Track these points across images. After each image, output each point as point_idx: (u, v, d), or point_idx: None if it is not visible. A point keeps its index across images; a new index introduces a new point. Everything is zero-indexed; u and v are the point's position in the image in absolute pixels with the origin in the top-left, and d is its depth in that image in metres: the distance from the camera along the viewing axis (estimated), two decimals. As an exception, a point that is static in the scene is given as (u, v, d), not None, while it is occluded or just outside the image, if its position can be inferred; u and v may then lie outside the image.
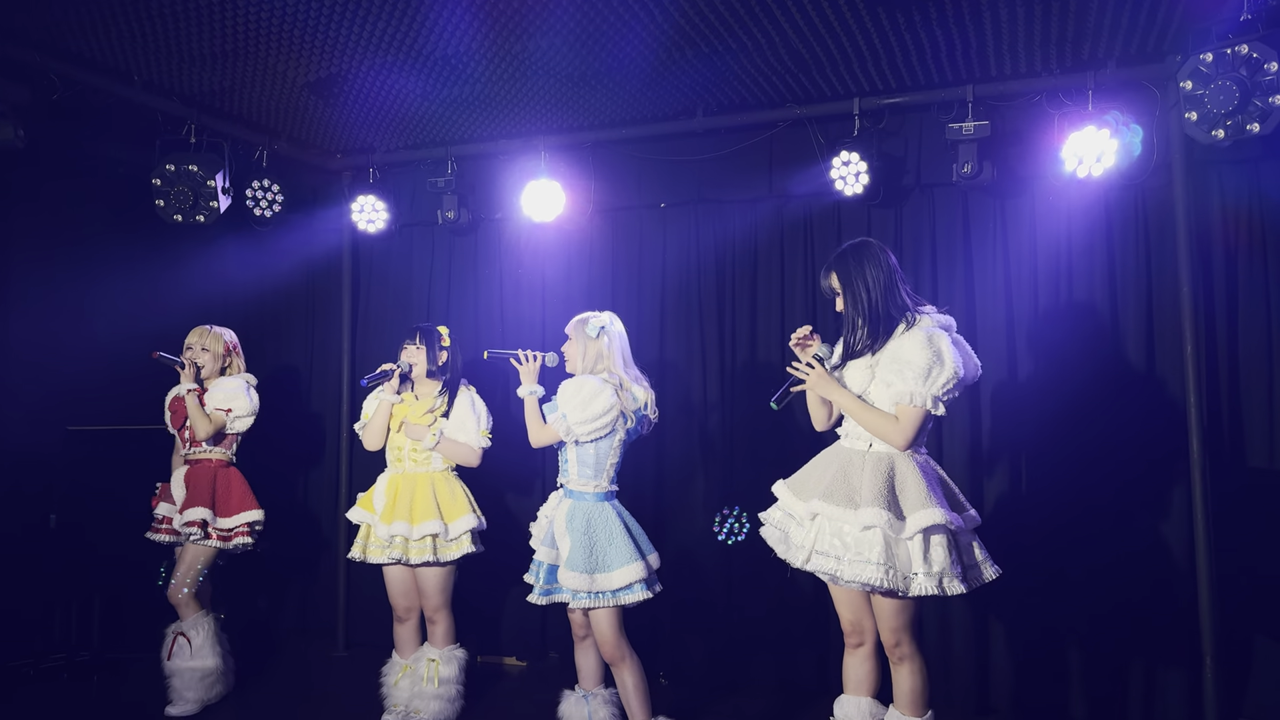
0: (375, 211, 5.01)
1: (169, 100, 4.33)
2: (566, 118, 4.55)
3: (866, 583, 2.74)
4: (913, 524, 2.76)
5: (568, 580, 3.28)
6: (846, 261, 3.01)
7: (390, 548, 3.89)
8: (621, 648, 3.36)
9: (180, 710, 4.04)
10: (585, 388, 3.34)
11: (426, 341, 4.05)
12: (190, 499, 4.09)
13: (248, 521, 4.17)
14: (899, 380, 2.83)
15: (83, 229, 4.93)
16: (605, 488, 3.44)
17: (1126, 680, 3.90)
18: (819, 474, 2.98)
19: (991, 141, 3.99)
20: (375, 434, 4.07)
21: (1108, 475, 3.93)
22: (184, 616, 4.12)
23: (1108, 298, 4.02)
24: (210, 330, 4.31)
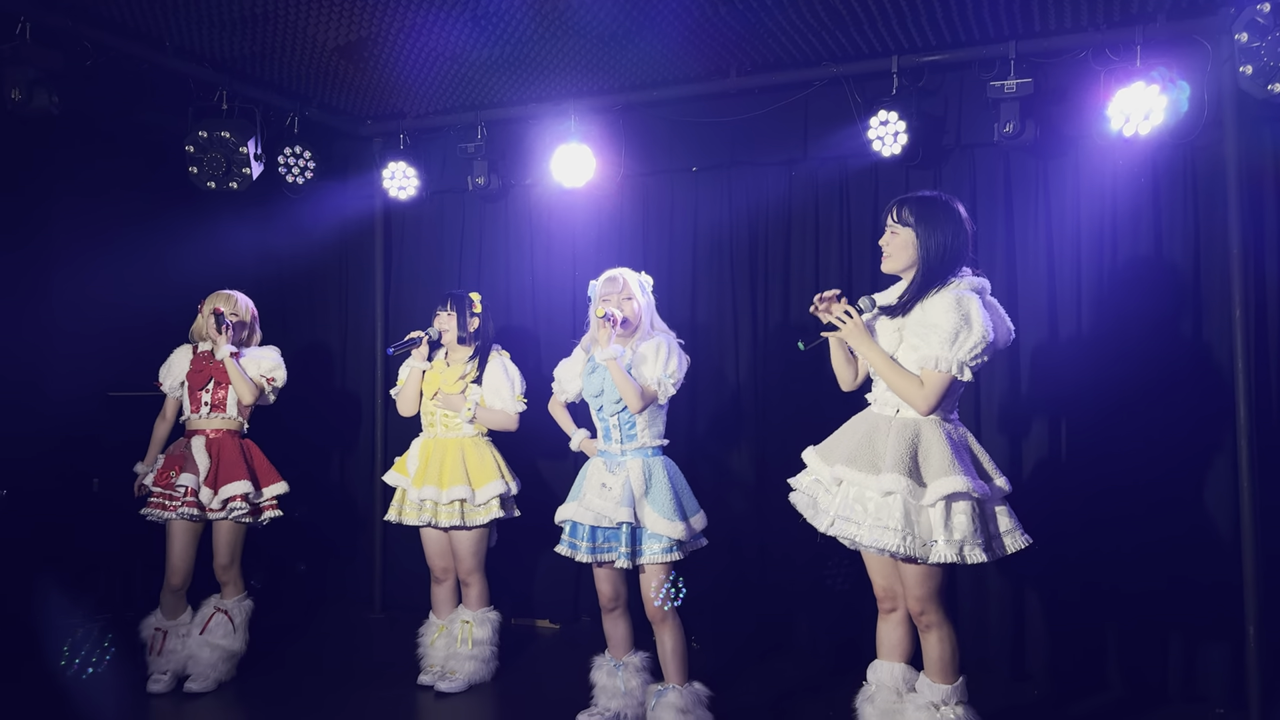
0: (406, 178, 5.00)
1: (200, 66, 4.33)
2: (597, 80, 4.48)
3: (885, 548, 2.71)
4: (934, 491, 2.72)
5: (667, 529, 3.25)
6: (934, 209, 2.89)
7: (421, 511, 3.96)
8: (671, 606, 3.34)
9: (200, 687, 3.95)
10: (674, 350, 3.39)
11: (457, 308, 4.06)
12: (226, 472, 3.96)
13: (275, 495, 4.10)
14: (924, 344, 2.77)
15: (120, 197, 4.96)
16: (664, 441, 3.47)
17: (1166, 650, 3.84)
18: (846, 439, 2.94)
19: (1034, 100, 3.88)
20: (408, 401, 4.11)
21: (1151, 441, 3.85)
22: (227, 596, 4.08)
23: (1153, 259, 3.91)
24: (236, 296, 4.19)
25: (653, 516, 3.29)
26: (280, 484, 4.12)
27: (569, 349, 5.06)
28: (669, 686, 3.34)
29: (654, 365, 3.35)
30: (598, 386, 3.44)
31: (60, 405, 4.62)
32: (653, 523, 3.28)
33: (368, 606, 5.31)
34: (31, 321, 4.61)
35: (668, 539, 3.28)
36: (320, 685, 4.14)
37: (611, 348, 3.33)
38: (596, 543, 3.41)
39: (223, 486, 3.93)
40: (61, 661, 3.92)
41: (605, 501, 3.35)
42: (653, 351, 3.37)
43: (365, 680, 4.15)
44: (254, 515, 4.05)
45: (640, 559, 3.29)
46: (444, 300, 4.11)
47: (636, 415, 3.37)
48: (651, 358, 3.37)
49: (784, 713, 3.72)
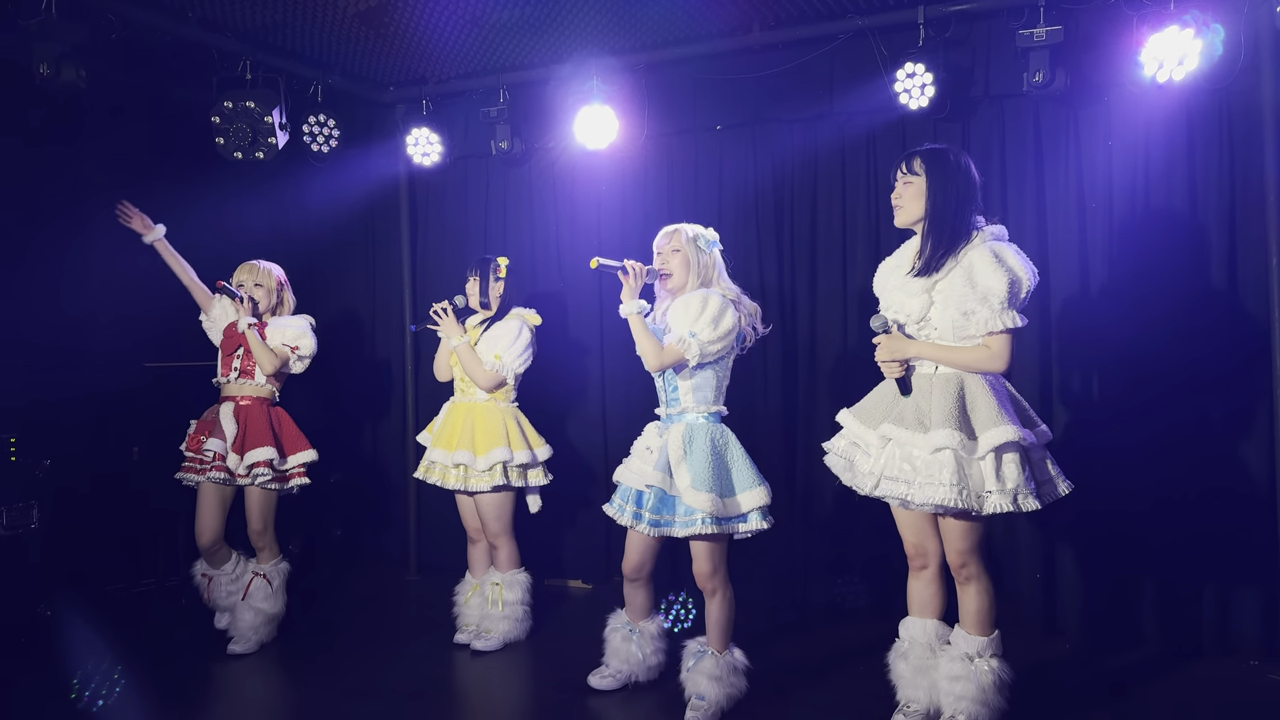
0: (429, 144, 5.01)
1: (224, 36, 4.34)
2: (620, 39, 4.45)
3: (939, 504, 2.70)
4: (985, 442, 2.72)
5: (697, 500, 3.09)
6: (943, 160, 2.88)
7: (431, 471, 4.06)
8: (721, 577, 3.26)
9: (242, 648, 4.04)
10: (711, 304, 3.16)
11: (481, 273, 4.07)
12: (252, 438, 4.01)
13: (304, 462, 4.14)
14: (983, 308, 2.74)
15: (149, 168, 5.01)
16: (719, 409, 3.29)
17: (1200, 603, 3.82)
18: (886, 400, 2.94)
19: (1065, 48, 3.79)
20: (439, 367, 4.22)
21: (1185, 391, 3.81)
22: (263, 561, 4.16)
23: (1187, 208, 3.84)
24: (260, 266, 4.22)
25: (683, 485, 3.14)
26: (308, 452, 4.16)
27: (594, 312, 5.10)
28: (708, 650, 3.30)
29: (680, 320, 3.16)
30: None
31: (99, 376, 4.72)
32: (683, 490, 3.14)
33: (403, 568, 5.41)
34: (69, 294, 4.69)
35: (699, 512, 3.11)
36: (358, 645, 4.23)
37: (632, 302, 3.21)
38: (638, 507, 3.29)
39: (248, 452, 3.99)
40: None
41: (645, 464, 3.28)
42: (683, 306, 3.18)
43: (402, 640, 4.24)
44: (281, 482, 4.10)
45: (669, 529, 3.17)
46: (471, 267, 4.13)
47: (679, 379, 3.23)
48: (679, 313, 3.17)
49: (817, 670, 3.74)
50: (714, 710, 3.24)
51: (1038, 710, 3.30)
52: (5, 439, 4.09)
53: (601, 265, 3.24)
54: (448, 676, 3.85)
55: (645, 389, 4.27)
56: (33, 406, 4.32)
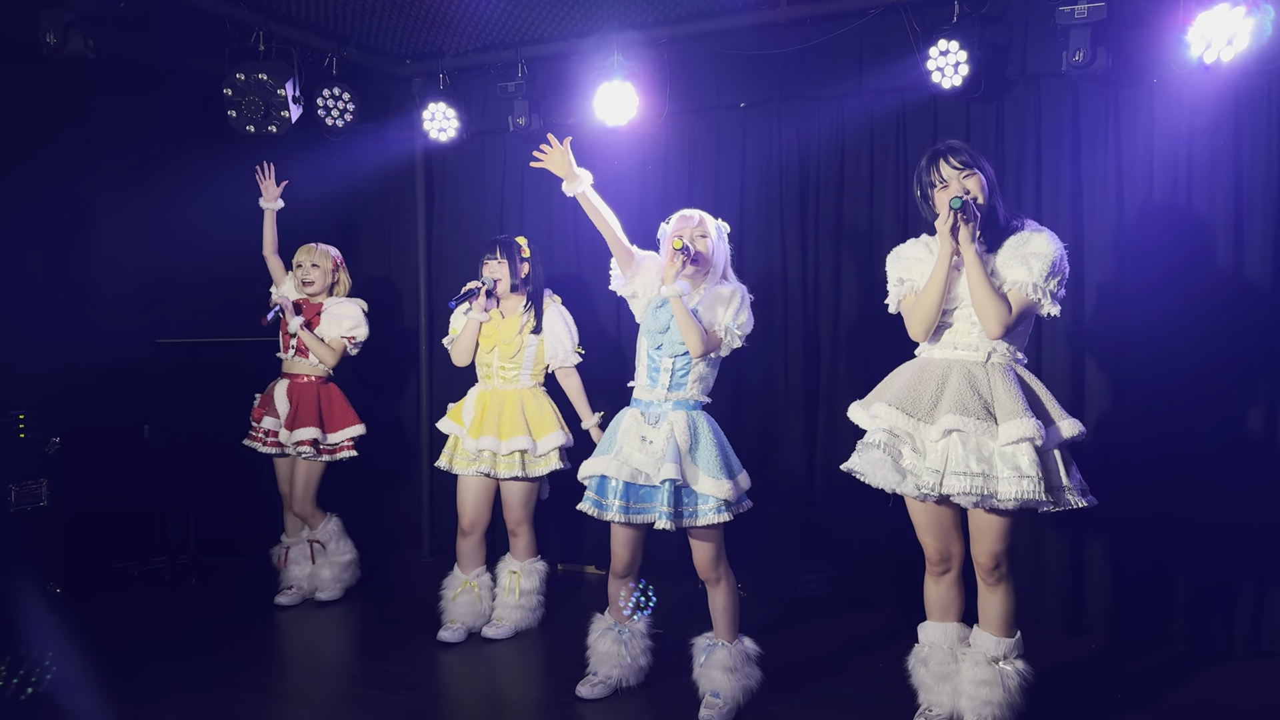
0: (446, 119, 4.90)
1: (236, 6, 4.24)
2: (642, 12, 4.31)
3: (1025, 498, 2.60)
4: (1061, 433, 2.70)
5: (716, 488, 3.05)
6: (972, 148, 2.88)
7: (478, 461, 3.92)
8: (724, 565, 3.22)
9: (327, 595, 4.41)
10: (743, 296, 3.20)
11: (507, 254, 3.96)
12: (300, 418, 4.29)
13: (351, 436, 4.40)
14: (1024, 270, 2.70)
15: (160, 141, 4.94)
16: (707, 399, 3.27)
17: (1232, 604, 3.71)
18: (930, 390, 2.77)
19: (1107, 25, 3.62)
20: (463, 351, 4.03)
21: (1222, 387, 3.67)
22: (313, 526, 4.44)
23: (1231, 196, 3.68)
24: (318, 247, 4.44)
25: (700, 475, 3.09)
26: (355, 426, 4.42)
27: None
28: (717, 643, 3.23)
29: (726, 311, 3.15)
30: (663, 323, 3.17)
31: (109, 353, 4.68)
32: (700, 482, 3.08)
33: (417, 550, 5.36)
34: (79, 269, 4.64)
35: (715, 499, 3.07)
36: (367, 628, 4.20)
37: (678, 284, 3.08)
38: (630, 501, 3.16)
39: (295, 431, 4.27)
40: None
41: (646, 456, 3.12)
42: (726, 298, 3.17)
43: (412, 624, 4.18)
44: (329, 454, 4.37)
45: (689, 520, 3.10)
46: (491, 248, 4.01)
47: (693, 365, 3.17)
48: (724, 305, 3.16)
49: (835, 670, 3.65)
50: (730, 707, 3.16)
51: (1062, 711, 3.21)
52: (14, 416, 4.05)
53: (685, 246, 3.09)
54: (454, 665, 3.79)
55: (663, 375, 4.17)
56: (42, 383, 4.28)
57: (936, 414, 2.73)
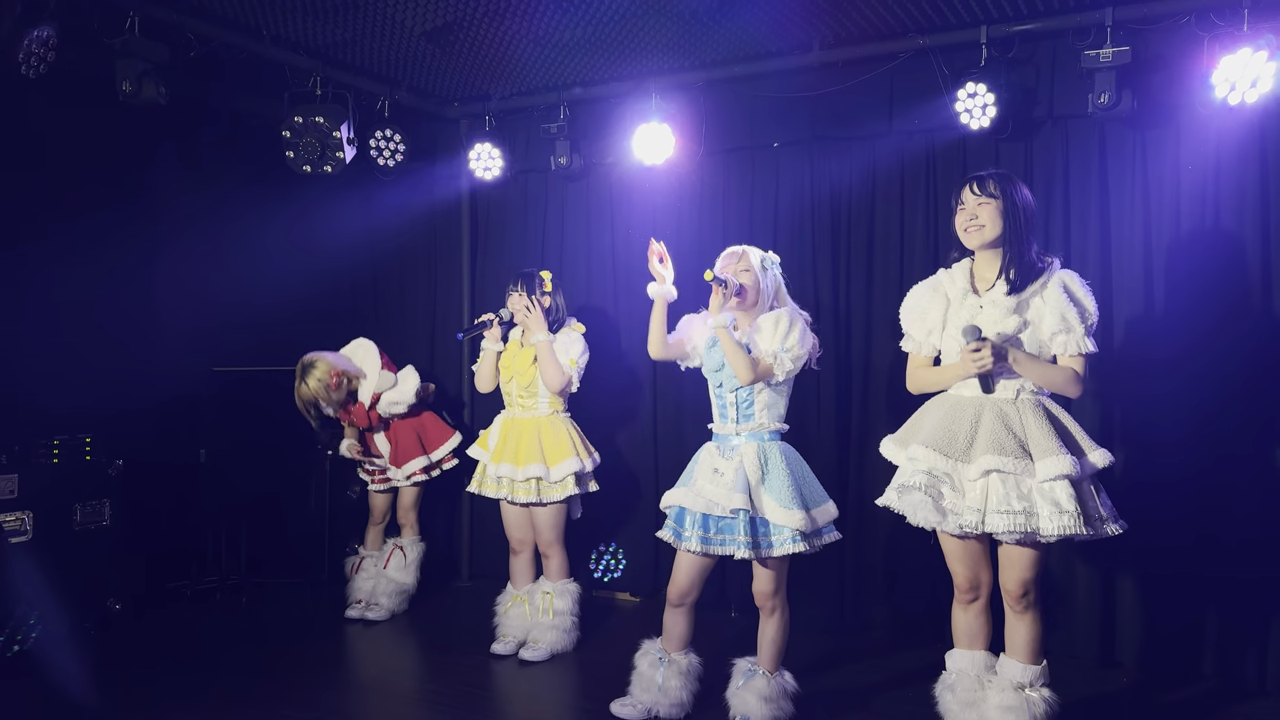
0: (491, 159, 5.10)
1: (296, 54, 4.49)
2: (679, 58, 4.48)
3: (1066, 533, 2.68)
4: (1089, 465, 2.78)
5: (788, 518, 3.07)
6: (1013, 183, 2.92)
7: (499, 487, 4.11)
8: (782, 596, 3.25)
9: (375, 615, 4.60)
10: (798, 323, 3.23)
11: (527, 287, 4.12)
12: (401, 453, 4.66)
13: (450, 450, 4.76)
14: (1079, 327, 2.80)
15: (221, 180, 5.20)
16: (784, 426, 3.30)
17: (1266, 640, 3.70)
18: (964, 429, 2.83)
19: (1132, 69, 3.72)
20: (483, 379, 4.26)
21: (1254, 426, 3.69)
22: (405, 535, 4.77)
23: (1259, 236, 3.73)
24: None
25: (771, 505, 3.12)
26: (453, 439, 4.77)
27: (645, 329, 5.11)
28: (759, 670, 3.29)
29: (771, 336, 3.18)
30: (718, 361, 3.27)
31: (169, 380, 4.90)
32: (771, 511, 3.11)
33: (455, 575, 5.49)
34: (142, 302, 4.88)
35: (790, 529, 3.10)
36: (408, 650, 4.33)
37: (723, 315, 3.17)
38: (709, 532, 3.19)
39: (404, 465, 4.65)
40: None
41: (717, 488, 3.17)
42: (771, 323, 3.20)
43: (451, 647, 4.30)
44: (434, 471, 4.76)
45: (765, 550, 3.13)
46: (515, 280, 4.17)
47: (756, 395, 3.23)
48: (769, 329, 3.19)
49: (862, 701, 3.69)
50: (758, 732, 3.22)
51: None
52: (81, 439, 4.28)
53: (716, 278, 3.23)
54: (494, 686, 3.90)
55: (697, 404, 4.30)
56: (107, 409, 4.51)
57: (973, 454, 2.80)
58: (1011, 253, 2.87)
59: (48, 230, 4.48)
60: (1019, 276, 2.85)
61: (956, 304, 2.96)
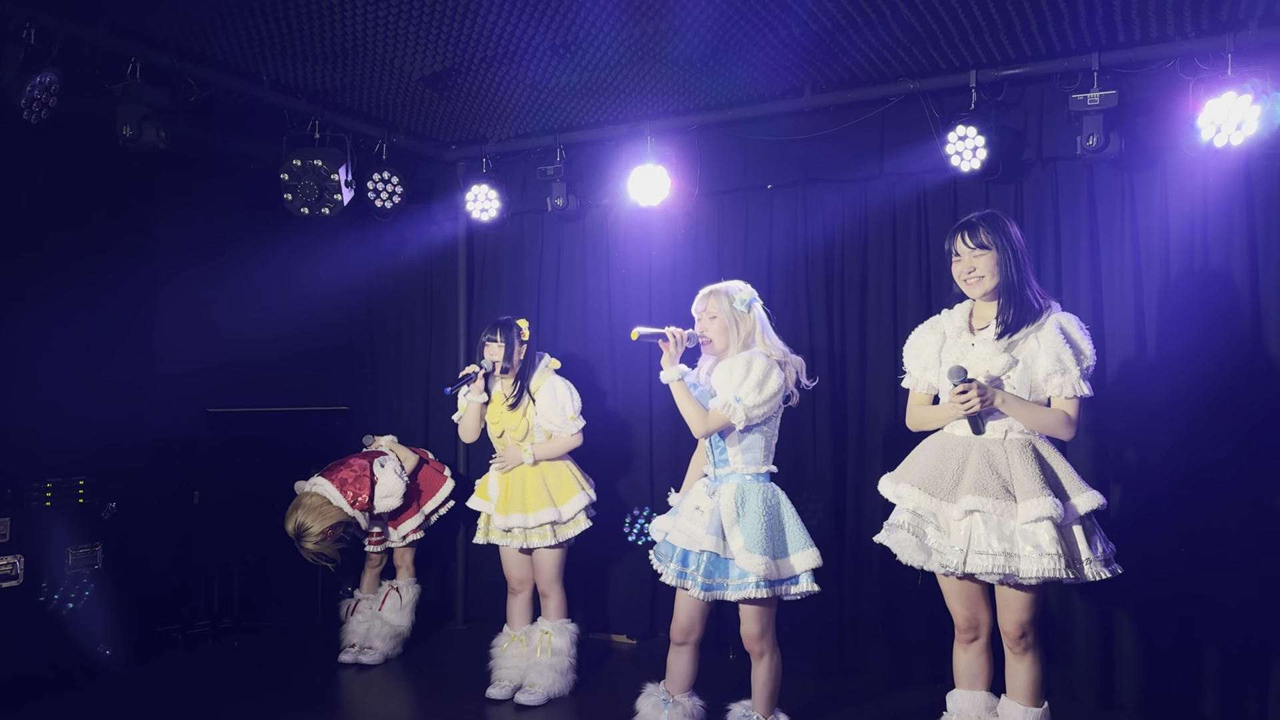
0: (488, 200, 5.15)
1: (295, 98, 4.54)
2: (674, 102, 4.55)
3: (1048, 575, 2.66)
4: (1078, 508, 2.75)
5: (750, 563, 3.05)
6: (1004, 228, 2.92)
7: (511, 536, 4.09)
8: (769, 640, 3.23)
9: (369, 659, 4.55)
10: (755, 367, 3.13)
11: (505, 337, 4.11)
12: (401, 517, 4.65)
13: (443, 498, 4.74)
14: (1074, 369, 2.79)
15: (219, 223, 5.23)
16: (769, 468, 3.27)
17: (1266, 676, 3.68)
18: (952, 468, 2.86)
19: (1119, 112, 3.79)
20: (467, 431, 4.24)
21: (1246, 463, 3.71)
22: (401, 577, 4.74)
23: (1247, 275, 3.77)
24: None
25: (737, 546, 3.11)
26: (443, 489, 4.75)
27: (641, 369, 5.15)
28: (753, 715, 3.27)
29: (726, 384, 3.14)
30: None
31: (164, 422, 4.89)
32: (736, 553, 3.11)
33: (450, 618, 5.44)
34: (138, 343, 4.88)
35: (753, 575, 3.07)
36: (402, 695, 4.27)
37: (672, 369, 3.23)
38: (685, 567, 3.22)
39: (399, 527, 4.66)
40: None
41: (695, 525, 3.21)
42: (726, 371, 3.17)
43: (446, 691, 4.26)
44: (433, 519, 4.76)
45: (721, 592, 3.13)
46: (491, 329, 4.14)
47: (727, 441, 3.20)
48: (725, 377, 3.16)
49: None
50: (754, 776, 3.19)
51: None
52: (74, 482, 4.25)
53: (642, 335, 3.26)
54: (491, 730, 3.86)
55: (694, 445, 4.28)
56: (101, 450, 4.49)
57: (958, 493, 2.81)
58: (1010, 298, 2.89)
59: (43, 271, 4.49)
60: (1015, 319, 2.87)
61: (951, 342, 2.99)
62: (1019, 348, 2.86)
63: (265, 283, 5.30)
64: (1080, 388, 2.80)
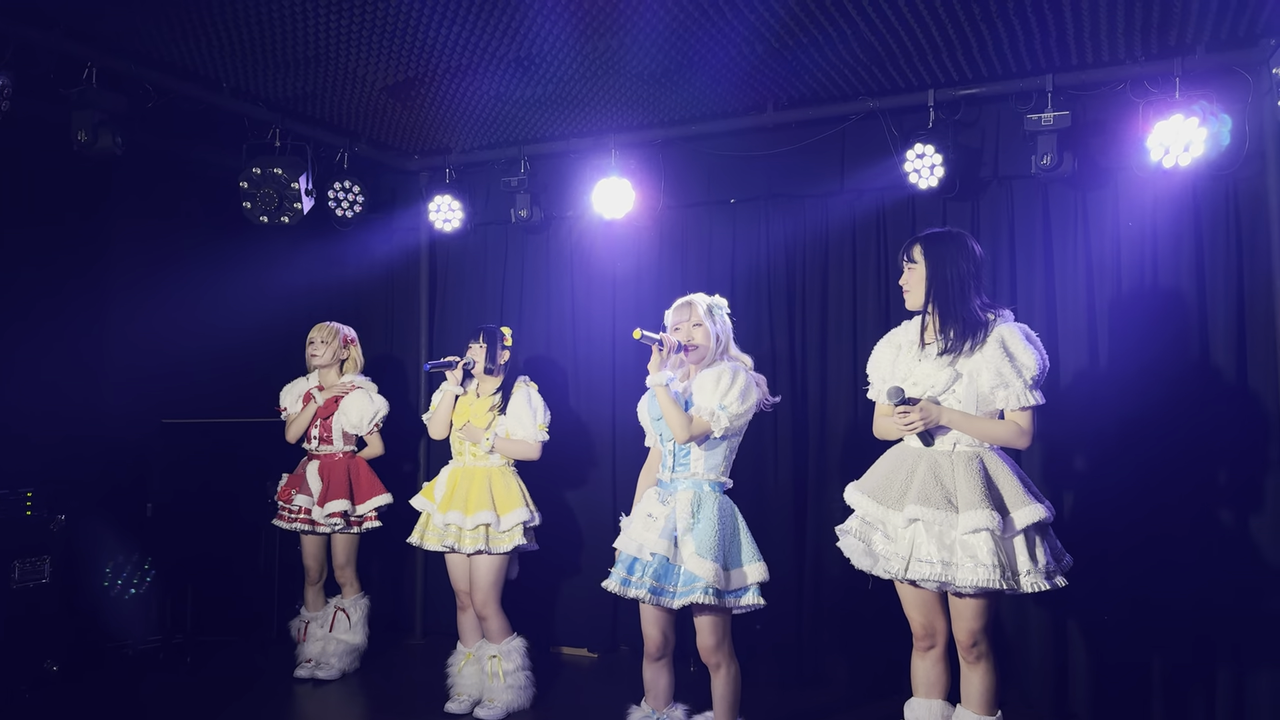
0: (451, 211, 5.13)
1: (255, 105, 4.49)
2: (637, 115, 4.58)
3: (982, 585, 2.69)
4: (1019, 520, 2.76)
5: (700, 568, 3.05)
6: (942, 244, 2.95)
7: (445, 535, 4.03)
8: (725, 651, 3.22)
9: (325, 674, 4.48)
10: (739, 378, 3.19)
11: (489, 341, 4.14)
12: (331, 492, 4.45)
13: (375, 507, 4.55)
14: (1016, 382, 2.81)
15: (176, 231, 5.15)
16: (726, 480, 3.30)
17: (1213, 689, 3.76)
18: (902, 478, 2.91)
19: (1072, 132, 3.88)
20: (439, 424, 4.19)
21: (1196, 475, 3.80)
22: (346, 595, 4.60)
23: (1195, 292, 3.88)
24: (328, 325, 4.66)
25: (689, 552, 3.11)
26: (380, 497, 4.57)
27: (606, 377, 5.14)
28: None
29: (710, 393, 3.17)
30: (658, 411, 3.30)
31: (116, 433, 4.79)
32: (688, 559, 3.11)
33: (409, 632, 5.38)
34: (90, 352, 4.78)
35: (703, 580, 3.07)
36: (359, 711, 4.21)
37: (660, 373, 3.20)
38: (631, 574, 3.21)
39: (327, 504, 4.43)
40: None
41: (647, 531, 3.20)
42: (712, 379, 3.20)
43: (404, 707, 4.21)
44: (356, 525, 4.53)
45: (668, 599, 3.12)
46: (475, 333, 4.19)
47: (692, 447, 3.22)
48: (710, 386, 3.19)
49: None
50: (718, 788, 3.19)
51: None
52: (23, 494, 4.15)
53: (644, 335, 3.24)
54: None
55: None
56: (50, 461, 4.39)
57: (904, 502, 2.86)
58: (948, 313, 2.91)
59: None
60: (957, 334, 2.89)
61: (905, 355, 3.03)
62: (962, 362, 2.88)
63: (223, 292, 5.23)
64: (1028, 398, 2.81)
